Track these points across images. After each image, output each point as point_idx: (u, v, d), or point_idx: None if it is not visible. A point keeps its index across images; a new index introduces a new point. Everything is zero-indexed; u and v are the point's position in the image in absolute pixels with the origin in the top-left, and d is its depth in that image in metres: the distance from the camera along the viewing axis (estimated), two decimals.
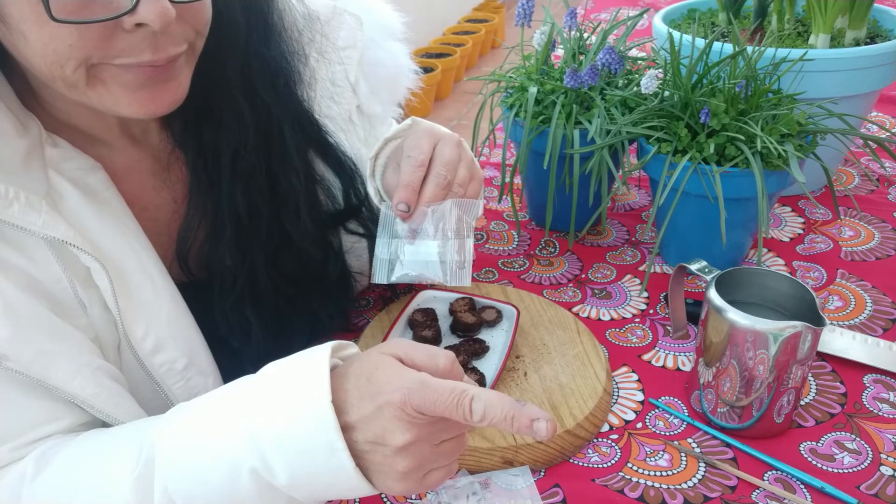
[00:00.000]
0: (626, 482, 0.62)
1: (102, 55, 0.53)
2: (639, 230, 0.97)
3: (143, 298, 0.63)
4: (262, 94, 0.67)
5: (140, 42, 0.53)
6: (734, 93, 0.77)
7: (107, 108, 0.57)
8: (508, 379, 0.70)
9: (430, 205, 0.63)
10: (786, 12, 1.01)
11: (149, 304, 0.63)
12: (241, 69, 0.65)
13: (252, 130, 0.67)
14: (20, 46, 0.53)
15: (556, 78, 0.88)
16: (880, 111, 1.20)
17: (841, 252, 0.89)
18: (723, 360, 0.63)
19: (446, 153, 0.65)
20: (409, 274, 0.64)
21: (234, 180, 0.67)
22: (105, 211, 0.62)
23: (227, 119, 0.66)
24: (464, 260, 0.64)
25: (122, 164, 0.66)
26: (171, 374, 0.65)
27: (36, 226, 0.56)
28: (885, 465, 0.62)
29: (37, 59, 0.53)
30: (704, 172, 0.75)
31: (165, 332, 0.64)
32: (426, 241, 0.64)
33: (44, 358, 0.56)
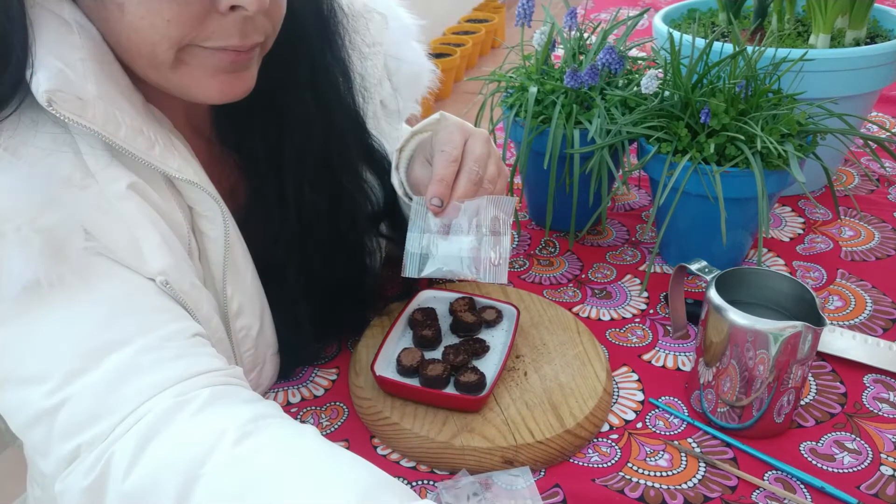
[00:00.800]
0: (626, 482, 0.62)
1: (195, 35, 0.54)
2: (639, 230, 0.97)
3: (237, 258, 0.64)
4: (327, 95, 0.68)
5: (231, 26, 0.54)
6: (734, 93, 0.77)
7: (183, 90, 0.58)
8: (508, 379, 0.70)
9: (463, 200, 0.63)
10: (786, 12, 1.01)
11: (239, 265, 0.64)
12: (311, 70, 0.66)
13: (316, 130, 0.67)
14: (112, 20, 0.53)
15: (557, 78, 0.88)
16: (880, 111, 1.20)
17: (841, 252, 0.89)
18: (723, 360, 0.63)
19: (477, 149, 0.65)
20: (441, 269, 0.64)
21: (301, 177, 0.68)
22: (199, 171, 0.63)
23: (294, 117, 0.67)
24: (499, 257, 0.63)
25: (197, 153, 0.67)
26: (247, 341, 0.66)
27: (173, 169, 0.58)
28: (885, 465, 0.62)
29: (129, 34, 0.53)
30: (704, 172, 0.75)
31: (247, 297, 0.65)
32: (460, 236, 0.63)
33: (195, 291, 0.59)
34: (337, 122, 0.69)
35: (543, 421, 0.65)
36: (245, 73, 0.59)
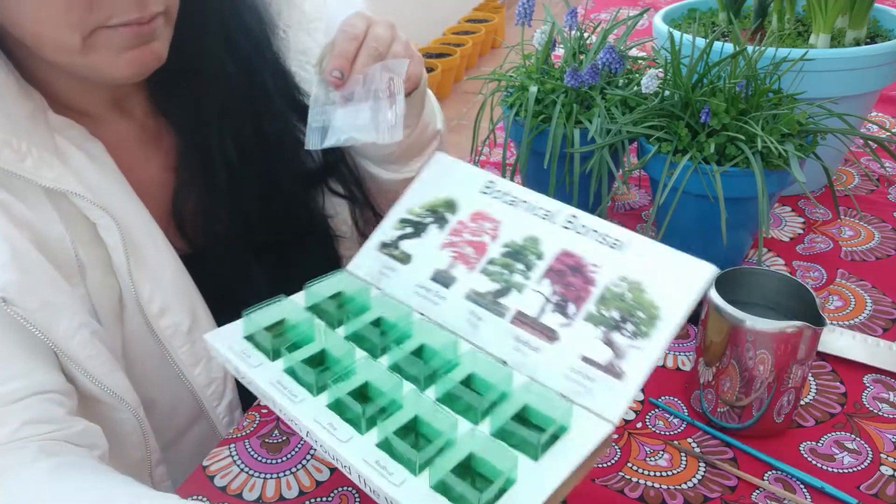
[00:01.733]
0: (626, 482, 0.62)
1: (95, 18, 0.54)
2: (639, 230, 0.97)
3: (148, 258, 0.64)
4: (241, 44, 0.68)
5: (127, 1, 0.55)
6: (734, 92, 0.77)
7: (99, 73, 0.59)
8: None
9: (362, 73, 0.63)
10: (786, 12, 1.01)
11: (153, 265, 0.64)
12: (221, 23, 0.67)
13: (235, 81, 0.68)
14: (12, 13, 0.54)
15: (557, 77, 0.88)
16: (880, 111, 1.20)
17: (841, 252, 0.89)
18: (723, 359, 0.63)
19: (379, 31, 0.65)
20: (340, 138, 0.64)
21: (223, 130, 0.69)
22: (108, 175, 0.63)
23: (211, 73, 0.67)
24: (396, 115, 0.63)
25: (112, 138, 0.67)
26: (178, 337, 0.66)
27: (47, 180, 0.58)
28: (885, 465, 0.62)
29: (32, 26, 0.54)
30: (705, 172, 0.75)
31: (170, 294, 0.65)
32: (358, 103, 0.63)
33: (48, 309, 0.57)
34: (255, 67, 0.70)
35: None
36: (153, 45, 0.59)
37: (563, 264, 0.57)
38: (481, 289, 0.59)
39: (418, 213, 0.65)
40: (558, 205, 0.60)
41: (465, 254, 0.61)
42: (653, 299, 0.53)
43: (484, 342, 0.56)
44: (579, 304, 0.54)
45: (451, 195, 0.65)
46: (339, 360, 0.55)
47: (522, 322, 0.56)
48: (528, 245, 0.59)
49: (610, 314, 0.53)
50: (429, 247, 0.63)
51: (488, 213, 0.62)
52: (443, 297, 0.60)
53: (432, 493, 0.46)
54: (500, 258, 0.59)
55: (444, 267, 0.61)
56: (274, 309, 0.58)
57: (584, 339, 0.53)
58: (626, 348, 0.51)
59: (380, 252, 0.64)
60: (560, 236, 0.58)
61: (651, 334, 0.52)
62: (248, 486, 0.64)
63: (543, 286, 0.56)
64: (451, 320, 0.58)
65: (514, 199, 0.62)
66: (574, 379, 0.52)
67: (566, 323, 0.54)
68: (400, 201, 0.66)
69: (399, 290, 0.62)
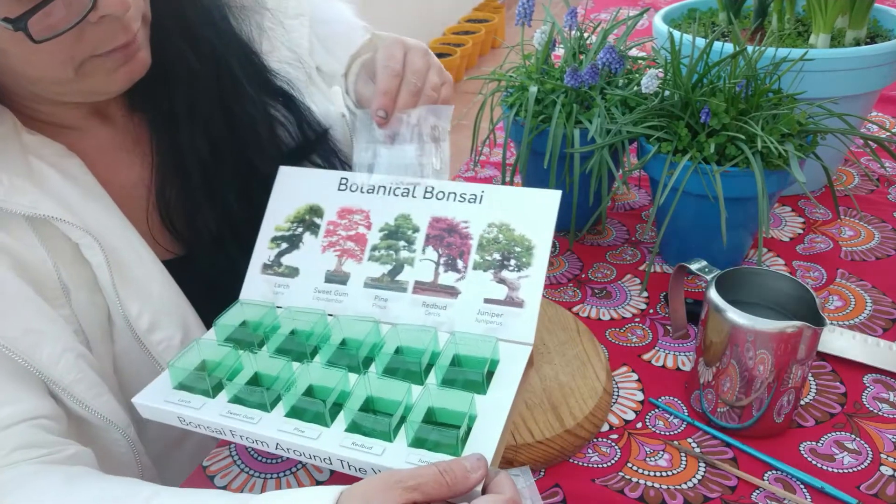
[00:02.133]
0: (626, 482, 0.62)
1: (84, 50, 0.55)
2: (639, 230, 0.97)
3: (134, 276, 0.64)
4: (201, 31, 0.69)
5: (111, 29, 0.56)
6: (734, 92, 0.77)
7: (90, 94, 0.60)
8: None
9: (404, 111, 0.66)
10: (786, 12, 1.01)
11: (140, 281, 0.64)
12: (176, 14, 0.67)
13: (200, 72, 0.68)
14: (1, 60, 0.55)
15: (557, 77, 0.88)
16: (880, 111, 1.20)
17: (841, 252, 0.89)
18: (723, 359, 0.63)
19: (416, 62, 0.67)
20: (388, 176, 0.67)
21: (193, 126, 0.69)
22: (87, 193, 0.63)
23: (175, 68, 0.67)
24: (441, 161, 0.66)
25: (95, 146, 0.67)
26: (170, 351, 0.66)
27: (23, 207, 0.57)
28: (885, 465, 0.62)
29: (23, 68, 0.55)
30: (705, 172, 0.75)
31: (159, 310, 0.65)
32: (403, 145, 0.66)
33: (31, 336, 0.57)
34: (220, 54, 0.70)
35: (543, 421, 0.65)
36: (139, 55, 0.61)
37: (438, 229, 0.64)
38: (376, 274, 0.64)
39: (286, 228, 0.68)
40: (411, 180, 0.66)
41: (348, 249, 0.66)
42: (522, 233, 0.62)
43: (397, 318, 0.62)
44: (465, 258, 0.62)
45: (311, 201, 0.69)
46: (276, 375, 0.57)
47: (423, 289, 0.62)
48: (401, 223, 0.65)
49: (493, 257, 0.62)
50: (311, 254, 0.66)
51: (353, 207, 0.67)
52: (343, 293, 0.64)
53: (413, 450, 0.50)
54: (382, 242, 0.65)
55: (334, 267, 0.65)
56: (192, 353, 0.59)
57: (480, 285, 0.61)
58: (516, 280, 0.60)
59: (265, 274, 0.67)
60: (425, 207, 0.65)
61: (532, 262, 0.61)
62: (248, 486, 0.64)
63: (429, 253, 0.64)
64: (360, 311, 0.63)
65: (370, 187, 0.67)
66: (484, 320, 0.60)
67: (460, 277, 0.62)
68: (263, 224, 0.69)
69: (299, 301, 0.65)
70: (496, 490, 0.46)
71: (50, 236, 0.60)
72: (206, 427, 0.55)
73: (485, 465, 0.47)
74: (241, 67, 0.72)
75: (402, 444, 0.51)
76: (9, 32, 0.50)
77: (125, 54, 0.59)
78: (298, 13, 0.80)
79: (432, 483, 0.45)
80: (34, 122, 0.64)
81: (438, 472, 0.45)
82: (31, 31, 0.50)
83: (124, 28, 0.57)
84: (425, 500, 0.45)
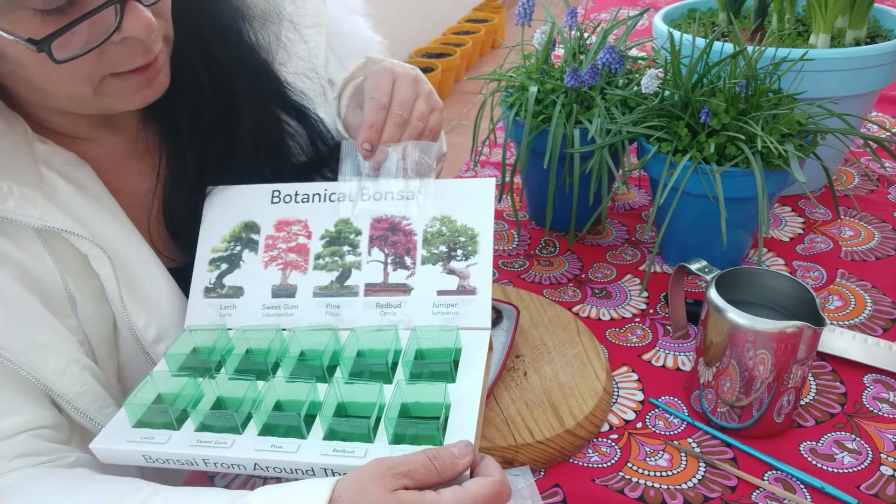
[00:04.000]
0: (626, 482, 0.62)
1: (103, 69, 0.55)
2: (639, 230, 0.97)
3: (142, 287, 0.64)
4: (215, 50, 0.68)
5: (132, 50, 0.55)
6: (734, 92, 0.77)
7: (107, 110, 0.59)
8: (508, 379, 0.70)
9: (389, 144, 0.65)
10: (786, 12, 1.01)
11: (147, 292, 0.64)
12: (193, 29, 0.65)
13: (210, 90, 0.67)
14: (19, 73, 0.54)
15: (557, 77, 0.88)
16: (880, 111, 1.20)
17: (841, 252, 0.89)
18: (723, 359, 0.63)
19: (404, 92, 0.66)
20: (372, 208, 0.66)
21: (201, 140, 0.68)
22: (97, 203, 0.63)
23: (186, 83, 0.66)
24: (426, 198, 0.66)
25: (106, 155, 0.67)
26: None
27: (33, 219, 0.57)
28: (885, 465, 0.62)
29: (40, 82, 0.55)
30: (705, 172, 0.75)
31: (166, 320, 0.64)
32: (388, 179, 0.66)
33: (36, 349, 0.56)
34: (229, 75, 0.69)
35: (543, 421, 0.65)
36: (159, 78, 0.60)
37: (381, 229, 0.65)
38: (324, 282, 0.64)
39: (223, 248, 0.67)
40: (343, 185, 0.67)
41: (290, 261, 0.65)
42: (464, 223, 0.64)
43: (353, 323, 0.61)
44: (412, 254, 0.64)
45: (245, 218, 0.68)
46: (242, 396, 0.55)
47: (375, 291, 0.63)
48: (342, 228, 0.66)
49: (439, 250, 0.63)
50: (253, 271, 0.65)
51: (290, 218, 0.67)
52: (293, 306, 0.64)
53: (395, 447, 0.51)
54: (325, 249, 0.65)
55: (279, 281, 0.65)
56: (147, 388, 0.57)
57: (431, 279, 0.62)
58: (465, 269, 0.62)
59: (208, 298, 0.65)
60: (364, 209, 0.66)
61: (478, 249, 0.63)
62: (248, 486, 0.64)
63: (375, 254, 0.64)
64: (313, 321, 0.62)
65: (304, 195, 0.67)
66: (441, 311, 0.61)
67: (410, 273, 0.63)
68: (199, 248, 0.67)
69: (248, 320, 0.64)
70: (484, 474, 0.47)
71: (58, 247, 0.60)
72: (176, 460, 0.53)
73: (472, 451, 0.48)
74: (255, 84, 0.71)
75: (384, 442, 0.51)
76: (31, 52, 0.50)
77: (146, 77, 0.58)
78: (316, 22, 0.78)
79: (422, 469, 0.46)
80: (46, 130, 0.63)
81: (428, 459, 0.46)
82: (54, 52, 0.50)
83: (146, 50, 0.56)
84: (416, 485, 0.46)
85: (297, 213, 0.67)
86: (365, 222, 0.65)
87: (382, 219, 0.65)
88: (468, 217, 0.64)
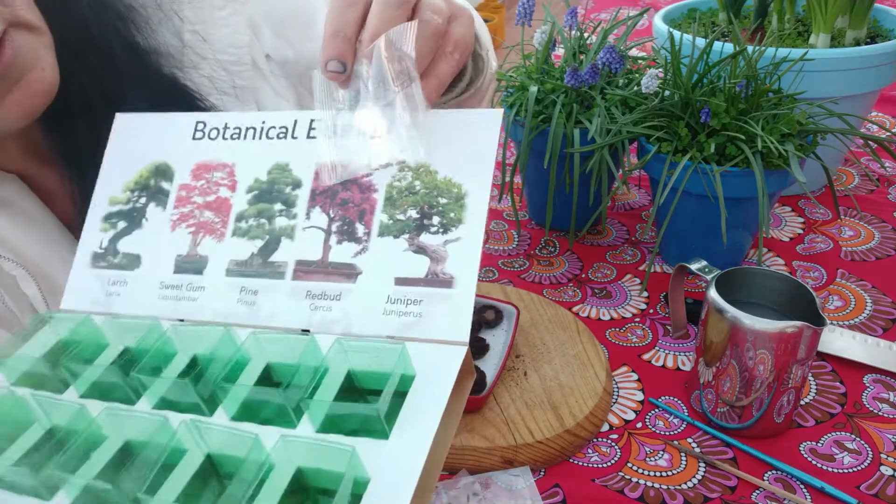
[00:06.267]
0: (626, 482, 0.62)
1: None
2: (639, 230, 0.97)
3: None
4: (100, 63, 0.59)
5: None
6: (734, 92, 0.77)
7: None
8: (508, 378, 0.70)
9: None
10: (786, 12, 1.01)
11: None
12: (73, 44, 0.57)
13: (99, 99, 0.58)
14: None
15: (557, 77, 0.88)
16: (880, 111, 1.20)
17: (841, 252, 0.89)
18: (723, 359, 0.63)
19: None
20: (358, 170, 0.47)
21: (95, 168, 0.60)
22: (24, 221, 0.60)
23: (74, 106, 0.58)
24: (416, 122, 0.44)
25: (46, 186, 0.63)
26: None
27: None
28: (885, 465, 0.62)
29: None
30: (705, 172, 0.75)
31: None
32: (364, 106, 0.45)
33: None
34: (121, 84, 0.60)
35: (543, 421, 0.65)
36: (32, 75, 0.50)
37: None
38: (242, 255, 0.47)
39: (124, 199, 0.51)
40: (291, 114, 0.49)
41: (204, 222, 0.48)
42: (448, 175, 0.43)
43: (270, 319, 0.44)
44: (367, 220, 0.45)
45: (157, 159, 0.51)
46: (75, 430, 0.40)
47: (307, 272, 0.45)
48: (277, 176, 0.48)
49: (407, 215, 0.44)
50: (156, 233, 0.49)
51: (213, 161, 0.49)
52: (199, 287, 0.47)
53: None
54: (251, 207, 0.48)
55: (186, 250, 0.48)
56: None
57: (389, 259, 0.43)
58: (441, 247, 0.42)
59: (95, 269, 0.50)
60: (310, 150, 0.47)
61: (464, 217, 0.42)
62: None
63: (316, 218, 0.46)
64: (221, 310, 0.46)
65: (236, 129, 0.50)
66: (396, 311, 0.42)
67: (360, 249, 0.44)
68: (94, 197, 0.51)
69: (139, 304, 0.48)
70: None
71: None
72: None
73: None
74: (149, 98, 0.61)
75: None
76: None
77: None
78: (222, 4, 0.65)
79: None
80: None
81: None
82: None
83: None
84: None
85: (223, 153, 0.49)
86: (308, 169, 0.47)
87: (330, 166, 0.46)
88: (455, 167, 0.43)
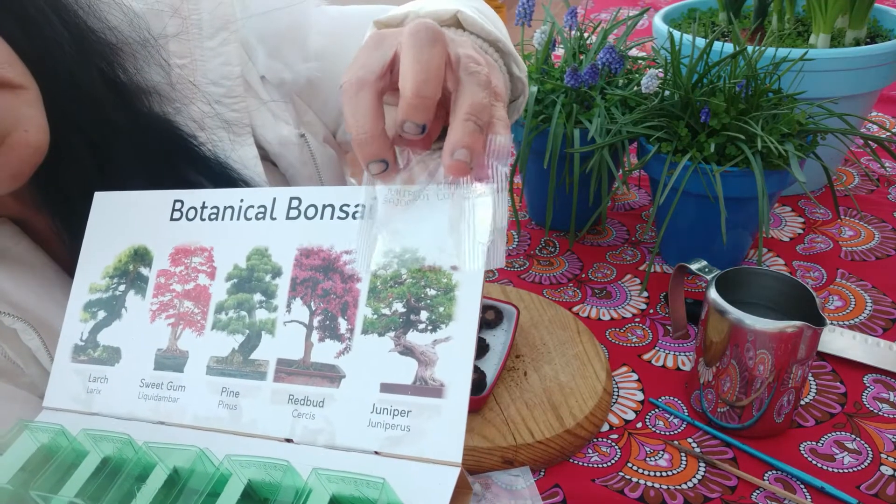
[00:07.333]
0: (626, 482, 0.62)
1: None
2: (639, 230, 0.97)
3: None
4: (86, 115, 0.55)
5: None
6: (734, 92, 0.77)
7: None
8: (508, 378, 0.70)
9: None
10: (786, 12, 1.01)
11: None
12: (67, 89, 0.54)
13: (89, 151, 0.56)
14: None
15: (557, 77, 0.88)
16: (880, 111, 1.20)
17: (841, 252, 0.89)
18: (723, 359, 0.63)
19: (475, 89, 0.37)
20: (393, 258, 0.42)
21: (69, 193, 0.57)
22: (20, 268, 0.58)
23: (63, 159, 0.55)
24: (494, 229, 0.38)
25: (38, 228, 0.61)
26: None
27: None
28: (885, 465, 0.62)
29: None
30: (705, 172, 0.75)
31: None
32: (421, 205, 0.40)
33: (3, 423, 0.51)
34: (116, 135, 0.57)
35: (543, 421, 0.65)
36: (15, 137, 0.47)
37: (308, 268, 0.43)
38: (222, 351, 0.43)
39: (104, 286, 0.48)
40: (271, 192, 0.45)
41: (184, 313, 0.45)
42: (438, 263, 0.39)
43: (252, 426, 0.41)
44: (350, 315, 0.41)
45: (135, 241, 0.48)
46: None
47: (289, 374, 0.41)
48: (256, 263, 0.44)
49: (392, 309, 0.40)
50: (136, 325, 0.46)
51: (191, 245, 0.46)
52: (179, 386, 0.44)
53: None
54: (230, 298, 0.44)
55: (166, 344, 0.45)
56: None
57: (373, 361, 0.39)
58: (430, 349, 0.38)
59: (76, 363, 0.47)
60: (289, 233, 0.43)
61: (454, 313, 0.38)
62: None
63: (297, 310, 0.42)
64: (201, 414, 0.42)
65: (214, 208, 0.46)
66: (382, 423, 0.38)
67: (343, 349, 0.40)
68: (75, 283, 0.49)
69: (119, 403, 0.45)
70: None
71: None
72: None
73: None
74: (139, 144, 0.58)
75: None
76: None
77: None
78: (218, 28, 0.61)
79: None
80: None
81: None
82: None
83: None
84: None
85: (201, 236, 0.46)
86: (288, 254, 0.43)
87: (312, 250, 0.42)
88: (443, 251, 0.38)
